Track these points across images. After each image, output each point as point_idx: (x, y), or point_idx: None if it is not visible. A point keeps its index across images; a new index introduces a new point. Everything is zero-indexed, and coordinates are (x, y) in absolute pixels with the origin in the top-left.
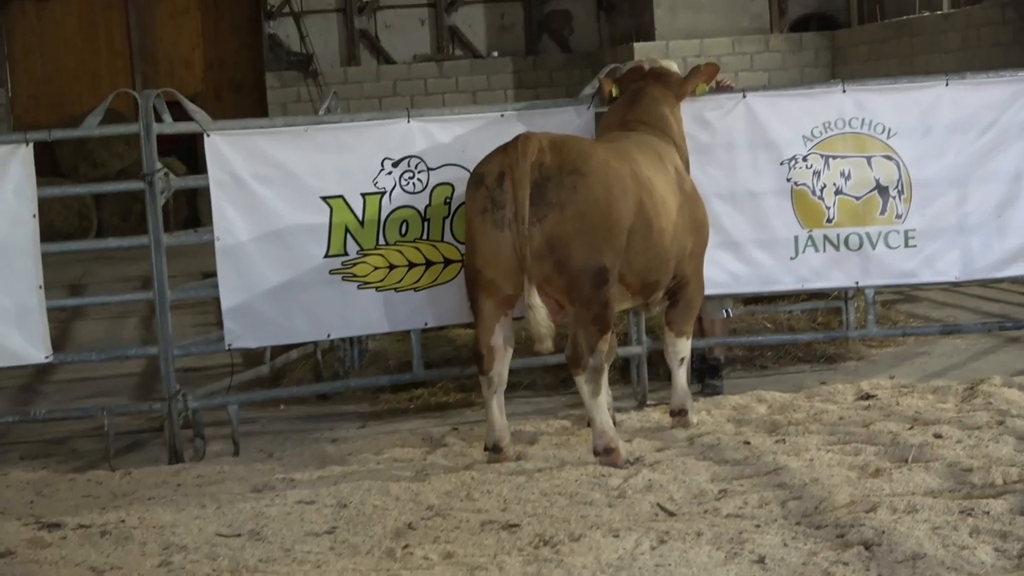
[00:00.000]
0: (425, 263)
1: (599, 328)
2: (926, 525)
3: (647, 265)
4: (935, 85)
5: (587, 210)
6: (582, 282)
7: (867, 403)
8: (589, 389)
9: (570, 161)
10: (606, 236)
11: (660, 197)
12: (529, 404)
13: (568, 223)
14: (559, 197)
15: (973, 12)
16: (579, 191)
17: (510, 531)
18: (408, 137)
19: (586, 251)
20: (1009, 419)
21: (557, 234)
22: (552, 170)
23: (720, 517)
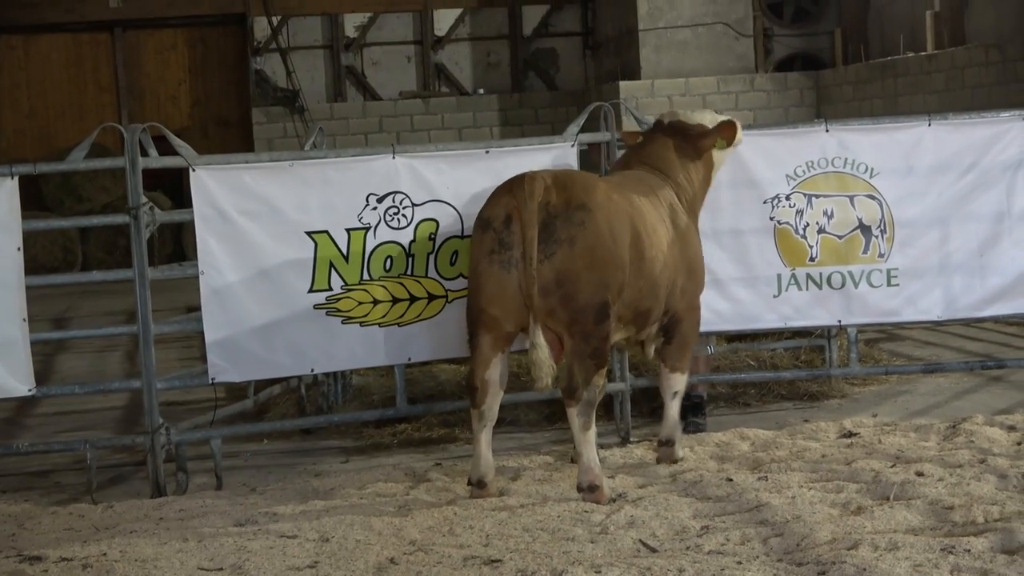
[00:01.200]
0: (409, 298)
1: (596, 362)
2: (907, 563)
3: (638, 295)
4: (918, 125)
5: (595, 244)
6: (585, 316)
7: (849, 441)
8: (581, 422)
9: (576, 197)
10: (612, 270)
11: (651, 227)
12: (512, 439)
13: (578, 259)
14: (568, 233)
15: (957, 53)
16: (587, 226)
17: (492, 567)
18: (393, 173)
19: (593, 286)
20: (991, 457)
21: (567, 269)
22: (559, 208)
23: (702, 554)
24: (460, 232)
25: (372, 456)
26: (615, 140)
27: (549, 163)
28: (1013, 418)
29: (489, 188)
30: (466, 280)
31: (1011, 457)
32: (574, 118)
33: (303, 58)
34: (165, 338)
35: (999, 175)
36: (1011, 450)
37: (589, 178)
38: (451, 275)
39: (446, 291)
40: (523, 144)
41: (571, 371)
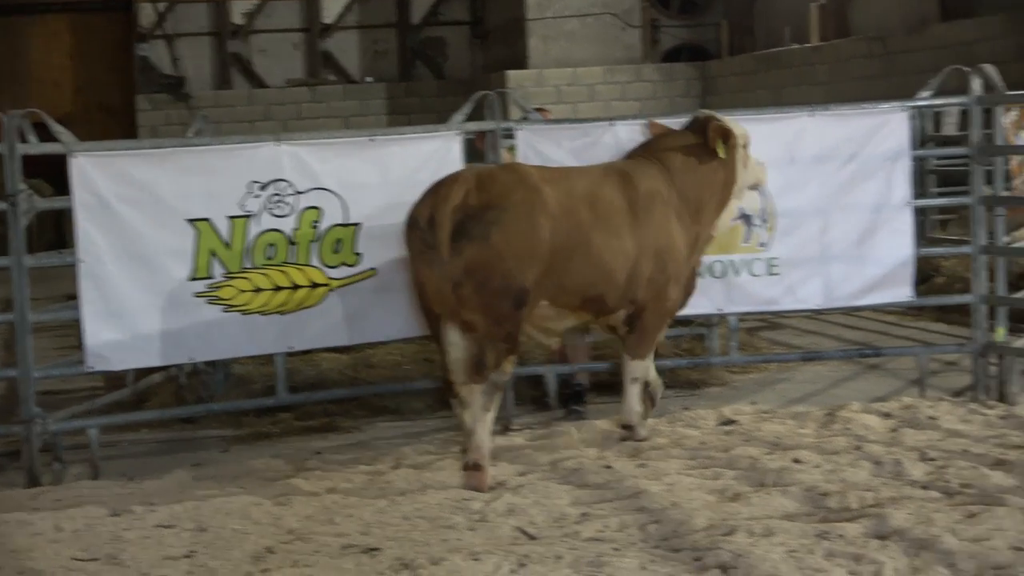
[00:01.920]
0: (292, 287)
1: (508, 347)
2: (782, 548)
3: (585, 281)
4: (800, 116)
5: (508, 238)
6: (500, 301)
7: (728, 428)
8: (483, 401)
9: (492, 197)
10: (528, 261)
11: (602, 216)
12: (395, 428)
13: (490, 250)
14: (480, 231)
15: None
16: (500, 223)
17: (371, 555)
18: (276, 161)
19: (506, 273)
20: (866, 445)
21: (478, 260)
22: (475, 208)
23: (580, 540)
24: (344, 220)
25: (252, 445)
26: (500, 129)
27: (434, 152)
28: (889, 405)
29: (373, 176)
30: (349, 268)
31: (886, 444)
32: (461, 106)
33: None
34: (43, 327)
35: (879, 165)
36: (886, 437)
37: (514, 177)
38: (334, 263)
39: (329, 279)
40: (408, 133)
41: (481, 353)
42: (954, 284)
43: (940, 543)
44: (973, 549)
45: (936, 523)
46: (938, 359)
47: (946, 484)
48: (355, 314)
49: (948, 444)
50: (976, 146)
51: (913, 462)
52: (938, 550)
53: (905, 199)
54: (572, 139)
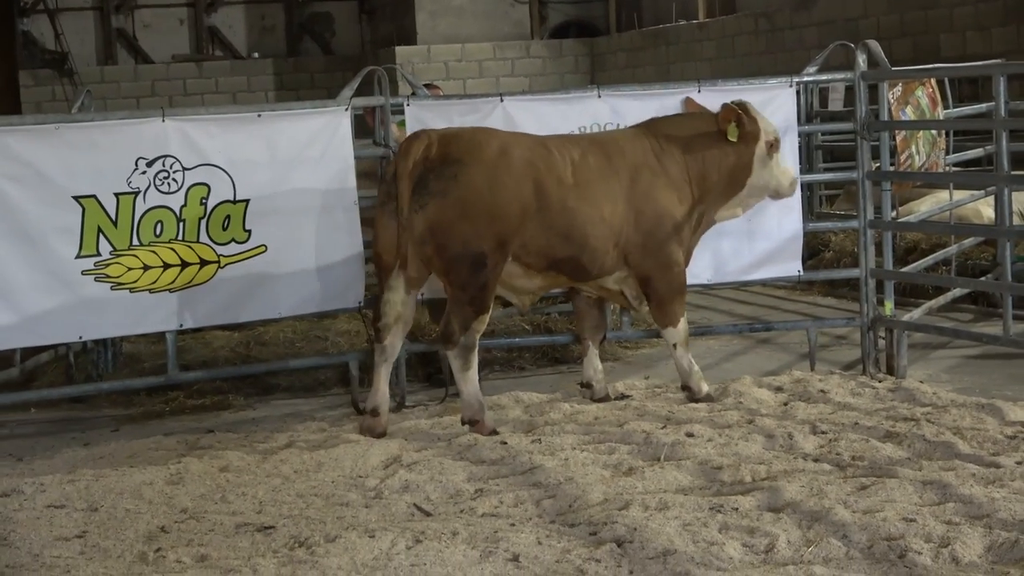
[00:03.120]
0: (180, 264)
1: (475, 309)
2: (677, 522)
3: (549, 243)
4: (687, 91)
5: (467, 196)
6: (460, 265)
7: (622, 403)
8: (459, 364)
9: (454, 153)
10: (490, 221)
11: (580, 183)
12: (287, 406)
13: (448, 209)
14: (440, 186)
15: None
16: (459, 179)
17: (265, 533)
18: (163, 137)
19: (466, 236)
20: (758, 418)
21: (438, 220)
22: (435, 162)
23: (476, 516)
24: (232, 197)
25: (144, 424)
26: (390, 104)
27: (323, 128)
28: (780, 379)
29: (261, 153)
30: (239, 245)
31: (778, 418)
32: (349, 82)
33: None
34: None
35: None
36: (778, 411)
37: (480, 135)
38: (223, 240)
39: (218, 256)
40: (296, 108)
41: (448, 318)
42: (842, 259)
43: (832, 515)
44: (865, 520)
45: (828, 495)
46: (827, 333)
47: (837, 457)
48: (246, 291)
49: (839, 417)
50: (862, 121)
51: (805, 435)
52: (830, 522)
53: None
54: (461, 115)
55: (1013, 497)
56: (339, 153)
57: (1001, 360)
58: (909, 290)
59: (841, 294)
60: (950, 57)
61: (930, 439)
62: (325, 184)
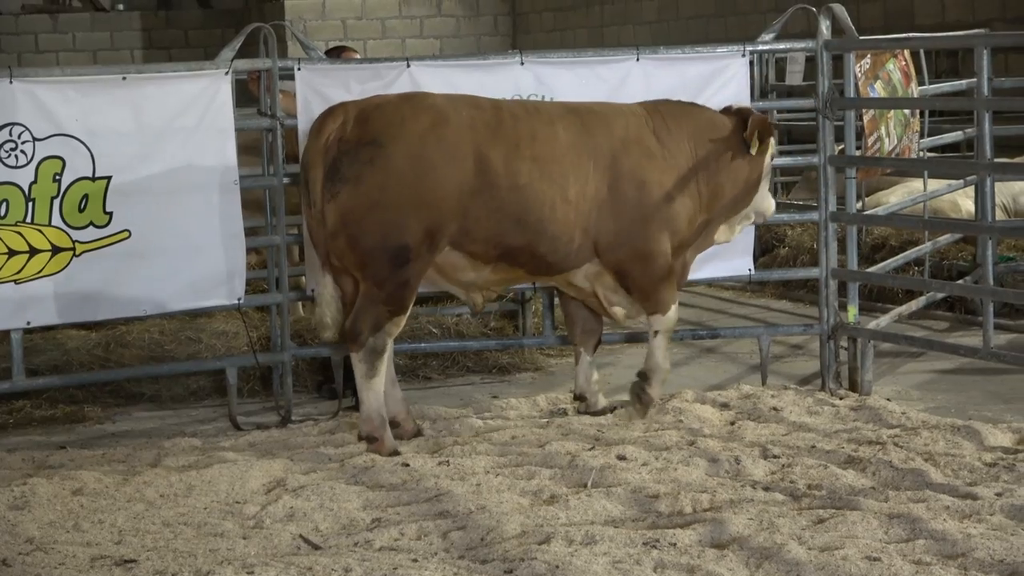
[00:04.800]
0: (29, 251)
1: (390, 309)
2: (606, 558)
3: (497, 230)
4: (625, 60)
5: (386, 183)
6: (377, 260)
7: (544, 421)
8: (363, 369)
9: (371, 132)
10: (415, 210)
11: (540, 154)
12: (153, 419)
13: (363, 198)
14: (354, 172)
15: None
16: (376, 163)
17: (125, 568)
18: (9, 101)
19: (384, 227)
20: (701, 439)
21: (351, 209)
22: (349, 144)
23: (372, 551)
24: (91, 173)
25: None
26: (277, 68)
27: (199, 94)
28: (727, 394)
29: (126, 122)
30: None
31: (723, 439)
32: (230, 41)
33: None
34: None
35: None
36: (723, 431)
37: (407, 107)
38: (80, 223)
39: (73, 243)
40: (168, 71)
41: (357, 315)
42: (799, 256)
43: (786, 552)
44: (822, 559)
45: (781, 530)
46: (782, 341)
47: (791, 485)
48: (106, 284)
49: (793, 439)
50: (824, 98)
51: (754, 460)
52: (783, 560)
53: None
54: (362, 81)
55: (992, 534)
56: (218, 124)
57: (980, 375)
58: (876, 293)
59: (797, 297)
60: (926, 26)
61: (898, 466)
62: (201, 159)
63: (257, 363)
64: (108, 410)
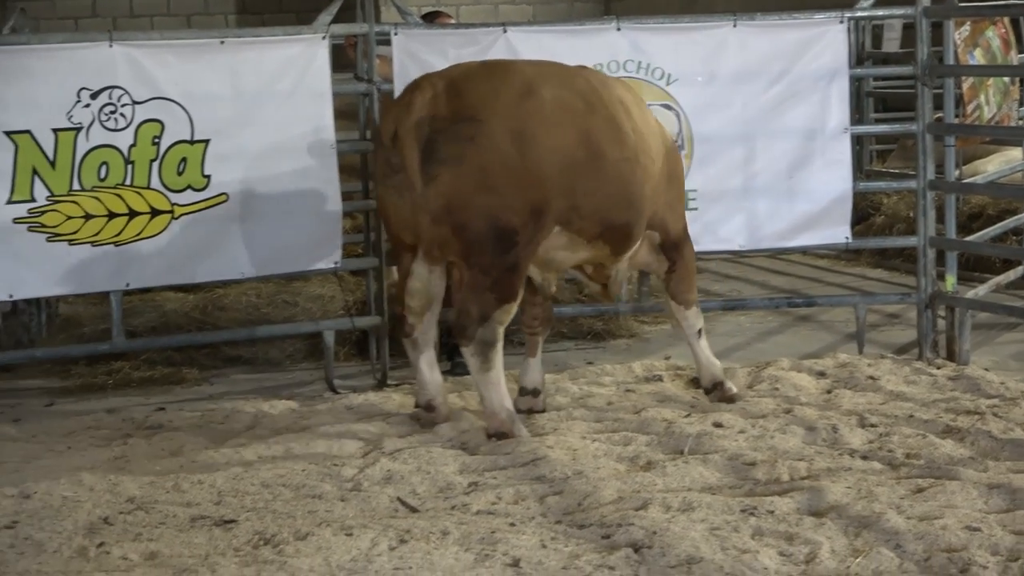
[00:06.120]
0: (128, 213)
1: (498, 296)
2: (703, 525)
3: (604, 203)
4: (721, 26)
5: (489, 161)
6: (483, 246)
7: (639, 387)
8: (477, 363)
9: (467, 106)
10: (520, 190)
11: (634, 127)
12: (250, 381)
13: (466, 179)
14: (453, 152)
15: None
16: (477, 141)
17: (225, 528)
18: (110, 65)
19: (489, 210)
20: (797, 407)
21: (453, 193)
22: (445, 121)
23: (469, 514)
24: (189, 137)
25: (82, 399)
26: (374, 33)
27: (295, 59)
28: (823, 363)
29: (223, 86)
30: (196, 193)
31: (820, 407)
32: (325, 6)
33: None
34: None
35: (812, 86)
36: (820, 399)
37: (497, 76)
38: (178, 187)
39: (172, 205)
40: (265, 36)
41: (463, 306)
42: (895, 225)
43: (884, 521)
44: (921, 529)
45: (879, 498)
46: (878, 310)
47: (889, 454)
48: (203, 247)
49: (891, 408)
50: (922, 65)
51: (851, 428)
52: (882, 529)
53: (842, 125)
54: (458, 47)
55: None
56: (315, 88)
57: None
58: (973, 263)
59: (893, 266)
60: None
61: (997, 436)
62: (298, 124)
63: (353, 327)
64: (205, 372)
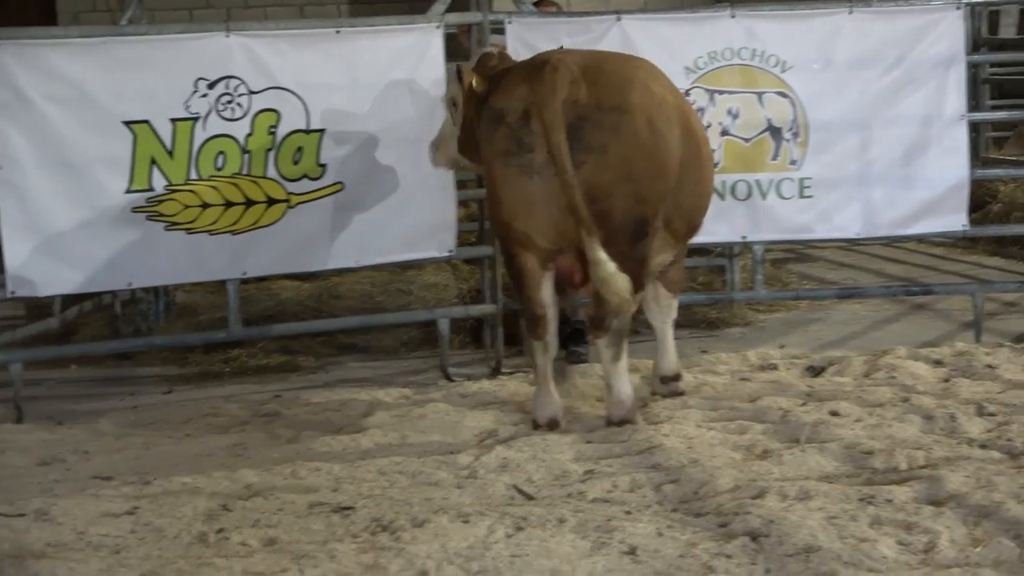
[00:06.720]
0: (245, 202)
1: (632, 287)
2: (821, 514)
3: (696, 204)
4: (837, 12)
5: (631, 153)
6: (621, 236)
7: (753, 375)
8: (610, 354)
9: (610, 94)
10: (652, 181)
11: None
12: (365, 369)
13: (611, 170)
14: (600, 140)
15: None
16: (622, 132)
17: (342, 515)
18: (227, 54)
19: (629, 201)
20: (914, 396)
21: (598, 183)
22: (590, 108)
23: (585, 502)
24: (305, 126)
25: (200, 386)
26: (488, 22)
27: (410, 48)
28: (940, 351)
29: (339, 75)
30: (311, 182)
31: (937, 396)
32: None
33: None
34: None
35: (928, 72)
36: (937, 388)
37: (626, 66)
38: (294, 176)
39: (288, 194)
40: (380, 25)
41: (599, 298)
42: (1012, 212)
43: (1004, 511)
44: None
45: (999, 488)
46: (995, 299)
47: (1009, 444)
48: (319, 235)
49: (1010, 397)
50: None
51: (969, 417)
52: (1002, 519)
53: (959, 112)
54: (572, 35)
55: None
56: (429, 78)
57: None
58: None
59: (1010, 254)
60: None
61: None
62: (412, 113)
63: (468, 315)
64: (320, 360)
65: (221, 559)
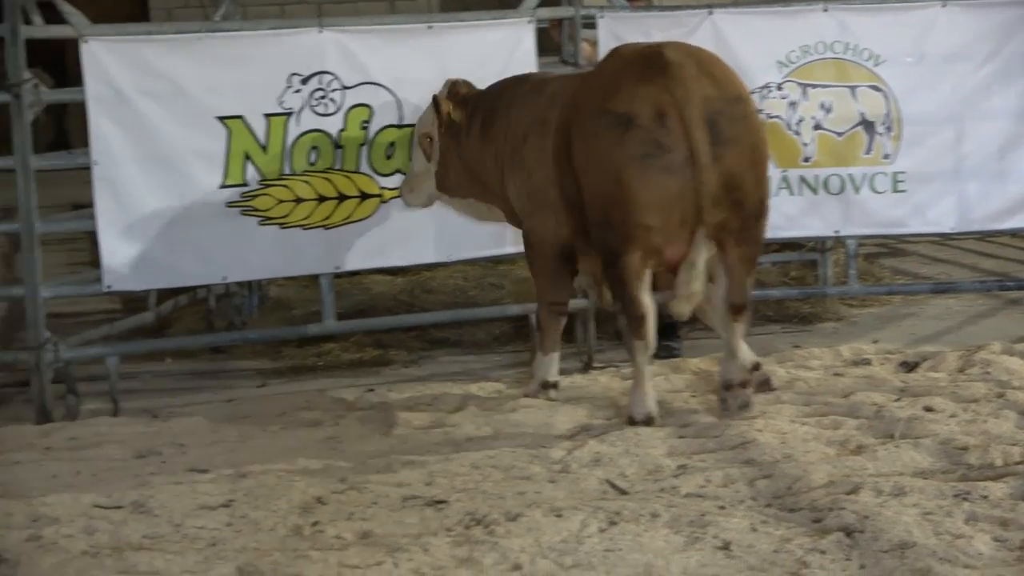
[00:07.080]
0: (338, 197)
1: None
2: (915, 510)
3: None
4: (930, 6)
5: (757, 140)
6: (755, 220)
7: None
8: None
9: (729, 85)
10: (767, 162)
11: None
12: (456, 363)
13: (744, 159)
14: (734, 131)
15: None
16: (748, 121)
17: (436, 508)
18: (320, 50)
19: (758, 186)
20: (1010, 391)
21: (735, 172)
22: (719, 101)
23: (679, 497)
24: (398, 120)
25: (293, 380)
26: (580, 17)
27: (501, 43)
28: None
29: (430, 70)
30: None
31: None
32: None
33: None
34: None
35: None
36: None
37: (713, 57)
38: (387, 171)
39: (381, 189)
40: (471, 20)
41: (742, 283)
42: None
43: None
44: None
45: None
46: None
47: None
48: (411, 230)
49: None
50: None
51: None
52: None
53: None
54: (663, 29)
55: None
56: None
57: None
58: None
59: None
60: None
61: None
62: None
63: None
64: (413, 354)
65: (316, 552)
